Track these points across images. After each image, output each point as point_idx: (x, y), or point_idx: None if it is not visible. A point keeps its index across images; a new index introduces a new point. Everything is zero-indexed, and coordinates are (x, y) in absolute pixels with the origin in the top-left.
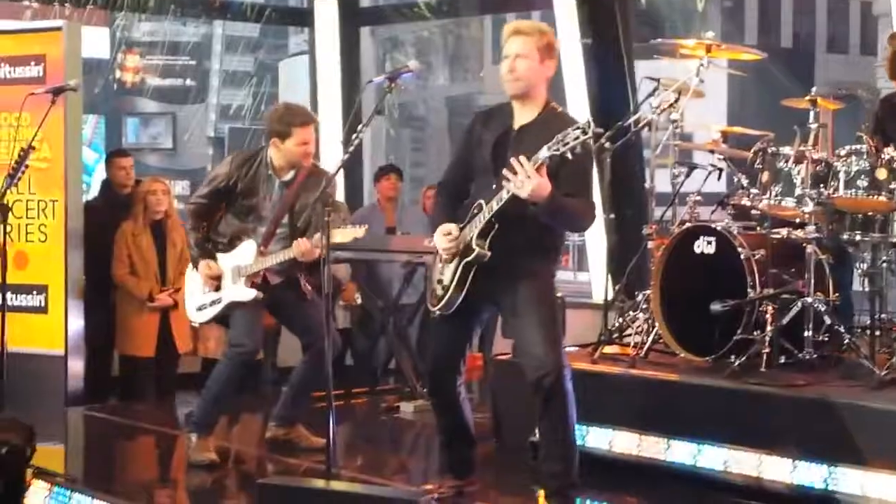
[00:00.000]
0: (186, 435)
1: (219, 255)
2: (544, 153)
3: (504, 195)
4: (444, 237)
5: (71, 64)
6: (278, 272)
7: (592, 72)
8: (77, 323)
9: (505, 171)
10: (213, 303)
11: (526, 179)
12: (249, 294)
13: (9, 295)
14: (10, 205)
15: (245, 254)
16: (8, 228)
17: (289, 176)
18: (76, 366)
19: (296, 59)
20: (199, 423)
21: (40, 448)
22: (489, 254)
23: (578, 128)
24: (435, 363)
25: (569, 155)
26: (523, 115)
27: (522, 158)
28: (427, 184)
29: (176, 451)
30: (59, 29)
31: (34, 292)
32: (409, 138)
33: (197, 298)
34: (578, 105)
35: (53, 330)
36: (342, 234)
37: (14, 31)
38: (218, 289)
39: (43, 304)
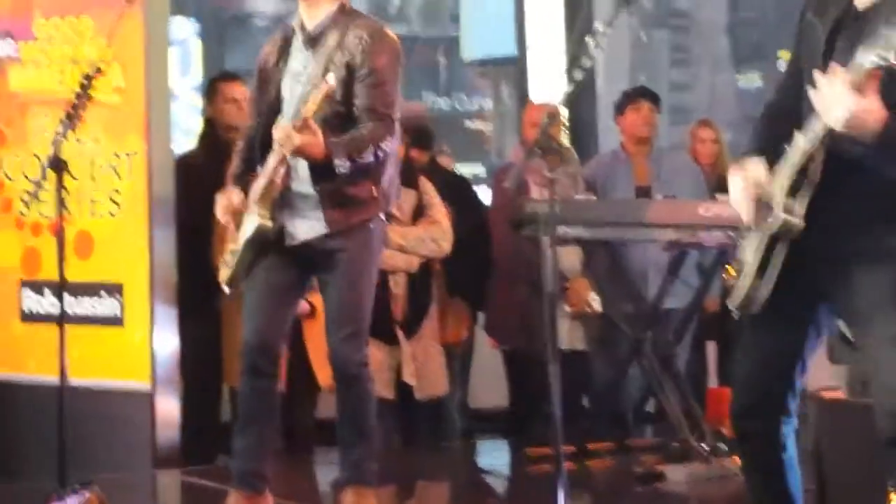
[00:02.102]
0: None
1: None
2: (867, 58)
3: (818, 128)
4: (743, 184)
5: None
6: (310, 212)
7: None
8: (170, 342)
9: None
10: (233, 252)
11: (833, 99)
12: (252, 223)
13: (66, 298)
14: (66, 161)
15: (263, 173)
16: (64, 196)
17: (316, 21)
18: (168, 407)
19: None
20: (235, 473)
21: None
22: (801, 224)
23: None
24: (742, 397)
25: None
26: None
27: (835, 67)
28: (697, 117)
29: None
30: None
31: (103, 293)
32: (666, 45)
33: (227, 257)
34: None
35: (134, 352)
36: (311, 101)
37: None
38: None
39: (118, 312)
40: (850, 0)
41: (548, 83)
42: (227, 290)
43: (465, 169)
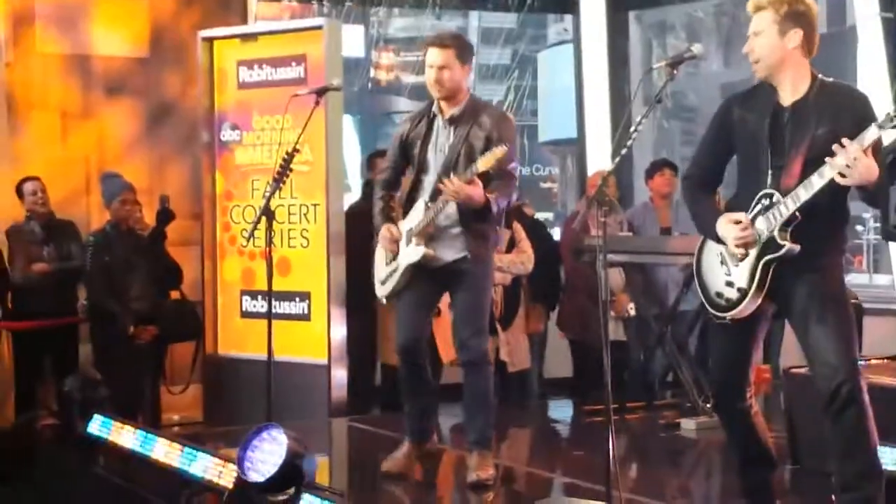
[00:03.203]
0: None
1: (400, 224)
2: (873, 132)
3: (817, 181)
4: (734, 226)
5: (332, 63)
6: (451, 242)
7: (894, 50)
8: (340, 331)
9: (834, 155)
10: (391, 273)
11: (853, 162)
12: (418, 252)
13: (273, 302)
14: (273, 210)
15: (416, 214)
16: (271, 234)
17: (451, 112)
18: (340, 375)
19: (556, 50)
20: (407, 430)
21: None
22: (798, 248)
23: None
24: (719, 375)
25: None
26: (788, 92)
27: (847, 141)
28: None
29: (441, 465)
30: (319, 28)
31: (297, 299)
32: (678, 130)
33: (381, 272)
34: (876, 88)
35: (317, 338)
36: (484, 162)
37: (275, 32)
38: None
39: (306, 311)
40: (777, 100)
41: (598, 157)
42: (384, 301)
43: (541, 215)
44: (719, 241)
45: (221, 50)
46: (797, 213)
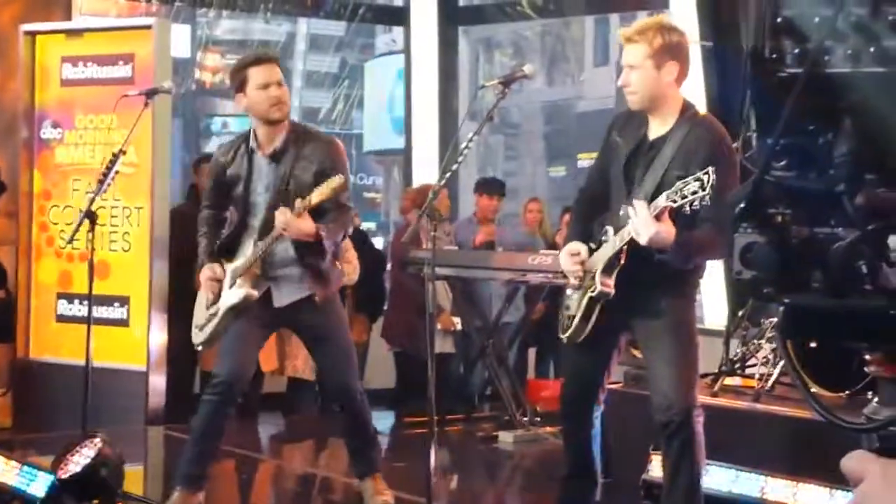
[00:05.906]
0: (174, 490)
1: (227, 266)
2: (662, 201)
3: (625, 235)
4: (569, 258)
5: (161, 63)
6: (292, 283)
7: (712, 78)
8: (160, 337)
9: (630, 209)
10: (211, 317)
11: (643, 227)
12: (238, 294)
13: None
14: (95, 213)
15: (242, 253)
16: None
17: (273, 147)
18: (158, 382)
19: (383, 60)
20: (181, 473)
21: None
22: (612, 293)
23: (699, 179)
24: (566, 388)
25: (687, 209)
26: (657, 125)
27: (639, 203)
28: (522, 195)
29: (258, 474)
30: (148, 27)
31: (116, 304)
32: (502, 145)
33: (199, 317)
34: None
35: (135, 344)
36: (319, 193)
37: (102, 29)
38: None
39: (125, 316)
40: (646, 131)
41: (423, 168)
42: (200, 348)
43: (365, 225)
44: None
45: (44, 45)
46: (620, 258)
